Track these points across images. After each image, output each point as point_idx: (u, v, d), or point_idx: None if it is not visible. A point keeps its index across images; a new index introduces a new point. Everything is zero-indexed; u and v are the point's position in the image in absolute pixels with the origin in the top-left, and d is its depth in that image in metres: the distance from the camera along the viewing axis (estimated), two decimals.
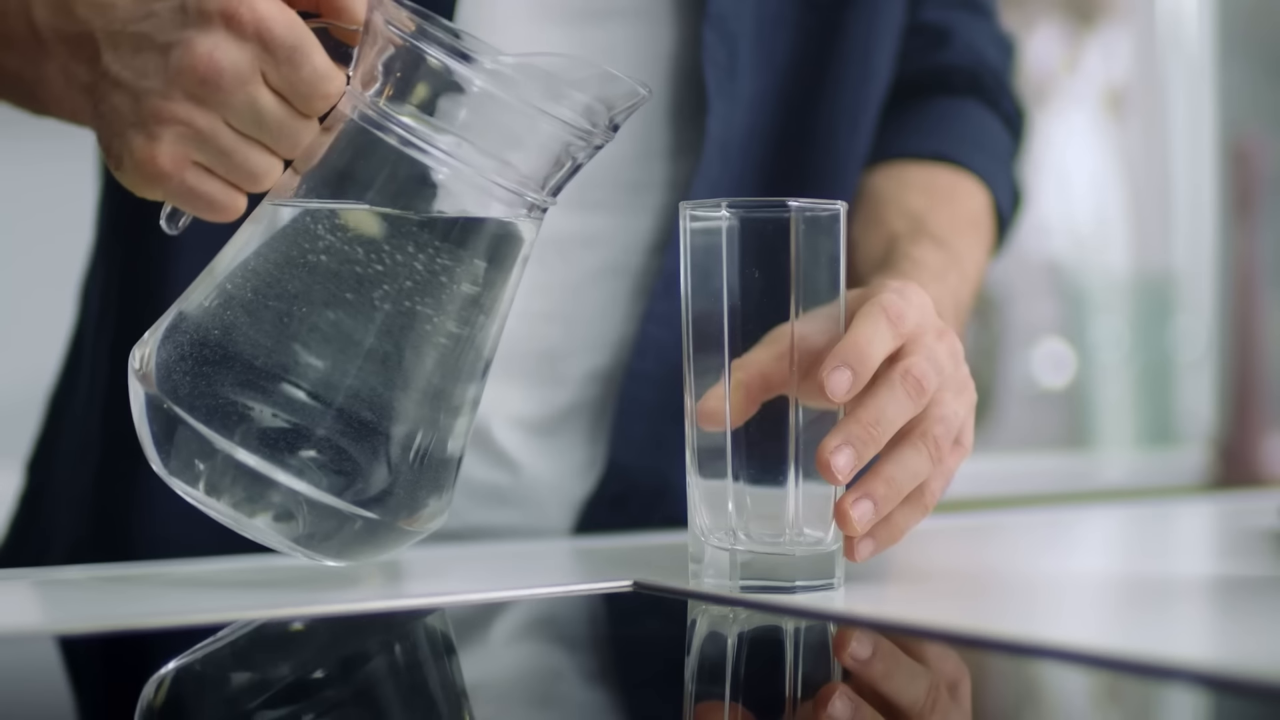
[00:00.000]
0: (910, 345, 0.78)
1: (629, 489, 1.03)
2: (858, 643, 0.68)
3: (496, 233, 0.76)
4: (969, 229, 1.04)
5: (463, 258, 0.75)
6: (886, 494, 0.75)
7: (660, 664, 0.68)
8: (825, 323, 0.76)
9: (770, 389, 0.75)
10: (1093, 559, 0.98)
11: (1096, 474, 3.11)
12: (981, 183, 1.08)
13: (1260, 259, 3.06)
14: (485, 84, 0.73)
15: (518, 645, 0.72)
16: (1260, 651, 0.62)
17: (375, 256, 0.74)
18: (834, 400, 0.74)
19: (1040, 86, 3.16)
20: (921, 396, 0.76)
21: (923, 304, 0.79)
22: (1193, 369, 3.28)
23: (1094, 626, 0.71)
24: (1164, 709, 0.57)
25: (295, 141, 0.76)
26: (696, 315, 0.76)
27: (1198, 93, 3.31)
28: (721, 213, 0.75)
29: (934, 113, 1.12)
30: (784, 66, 1.03)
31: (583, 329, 1.02)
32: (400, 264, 0.74)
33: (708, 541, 0.77)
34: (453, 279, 0.75)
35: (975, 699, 0.60)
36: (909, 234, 0.99)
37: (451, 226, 0.75)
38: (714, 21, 0.99)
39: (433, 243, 0.74)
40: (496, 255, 0.76)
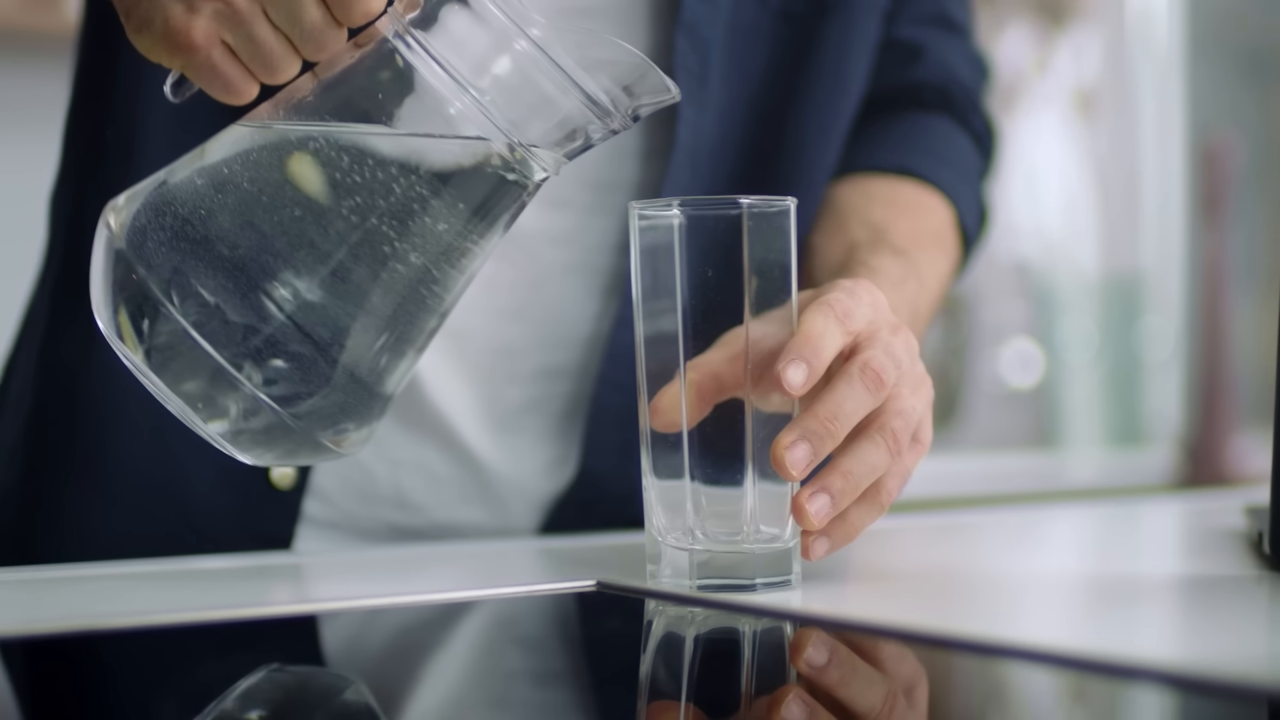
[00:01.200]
0: (866, 340, 0.77)
1: (599, 494, 1.04)
2: (815, 643, 0.68)
3: (487, 183, 0.76)
4: (931, 242, 1.04)
5: (445, 195, 0.75)
6: (844, 488, 0.75)
7: (616, 664, 0.67)
8: (778, 325, 0.76)
9: (723, 390, 0.75)
10: (1059, 558, 0.98)
11: (1064, 473, 3.12)
12: (946, 198, 1.09)
13: (1229, 260, 3.07)
14: (522, 40, 0.73)
15: (477, 645, 0.71)
16: (1225, 651, 0.62)
17: (358, 168, 0.74)
18: (791, 393, 0.74)
19: (1010, 87, 3.17)
20: (880, 390, 0.76)
21: (875, 301, 0.79)
22: (1161, 369, 3.29)
23: (1059, 626, 0.71)
24: (1129, 709, 0.57)
25: (321, 46, 0.76)
26: (648, 315, 0.76)
27: (1167, 93, 3.33)
28: (672, 211, 0.75)
29: (902, 127, 1.12)
30: (757, 76, 1.04)
31: (545, 326, 1.02)
32: (380, 182, 0.74)
33: (665, 541, 0.76)
34: (428, 212, 0.74)
35: (938, 699, 0.59)
36: (869, 243, 0.99)
37: (442, 157, 0.75)
38: (686, 28, 0.99)
39: (419, 170, 0.74)
40: (481, 206, 0.76)
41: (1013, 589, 0.79)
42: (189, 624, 0.71)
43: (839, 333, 0.76)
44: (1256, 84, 3.39)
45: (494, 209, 0.76)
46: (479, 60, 0.74)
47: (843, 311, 0.76)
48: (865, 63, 1.08)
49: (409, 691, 0.61)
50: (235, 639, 0.70)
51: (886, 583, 0.80)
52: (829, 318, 0.76)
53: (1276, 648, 0.63)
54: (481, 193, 0.76)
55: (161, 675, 0.65)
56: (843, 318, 0.76)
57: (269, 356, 0.73)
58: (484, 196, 0.76)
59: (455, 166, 0.75)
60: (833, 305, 0.76)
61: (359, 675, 0.65)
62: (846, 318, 0.76)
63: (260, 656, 0.68)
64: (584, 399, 1.03)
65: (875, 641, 0.67)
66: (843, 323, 0.76)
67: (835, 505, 0.74)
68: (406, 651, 0.69)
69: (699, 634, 0.71)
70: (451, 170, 0.75)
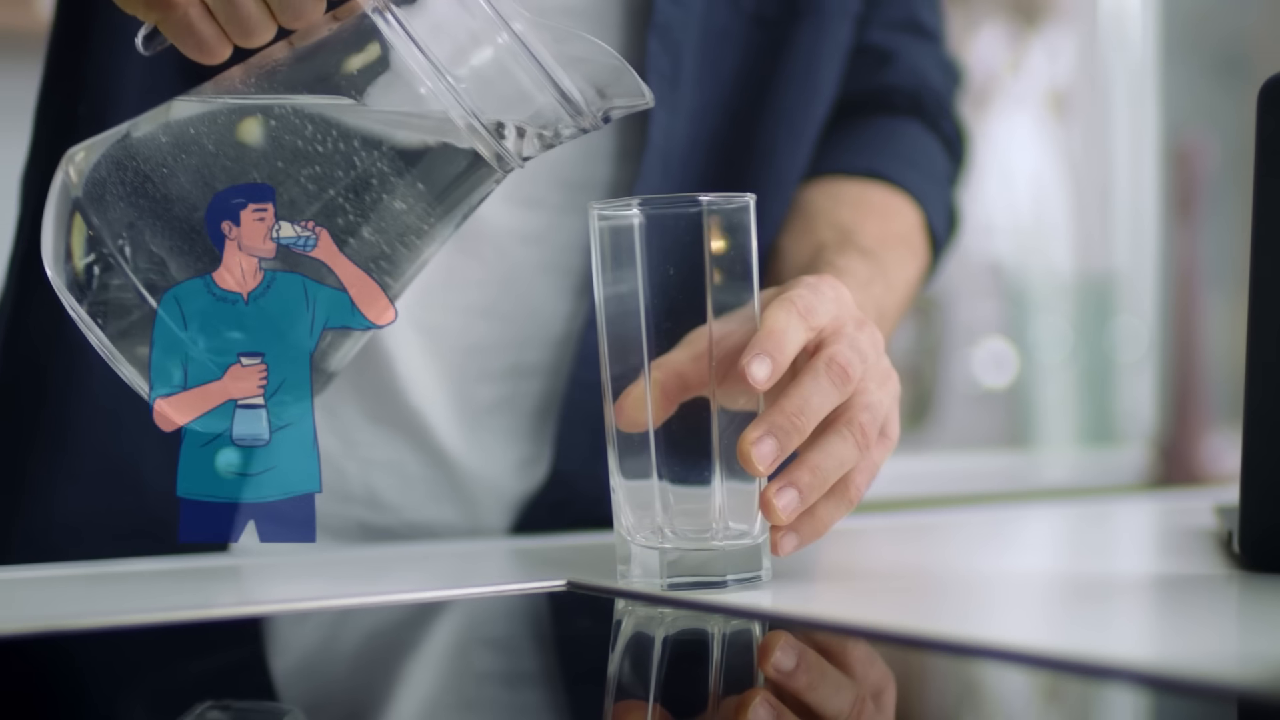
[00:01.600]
0: (831, 336, 0.77)
1: (571, 494, 1.04)
2: (783, 644, 0.67)
3: (452, 169, 0.76)
4: (898, 244, 1.04)
5: (407, 175, 0.75)
6: (811, 483, 0.75)
7: (585, 665, 0.67)
8: (741, 322, 0.75)
9: (687, 389, 0.75)
10: (1032, 558, 0.98)
11: (1038, 473, 3.12)
12: (914, 202, 1.09)
13: (1201, 260, 3.08)
14: (504, 33, 0.73)
15: (446, 646, 0.71)
16: (1196, 650, 0.62)
17: (321, 138, 0.74)
18: (756, 387, 0.73)
19: (984, 87, 3.17)
20: (846, 384, 0.76)
21: (838, 297, 0.79)
22: (1134, 369, 3.30)
23: (1030, 625, 0.71)
24: (1100, 708, 0.57)
25: (299, 14, 0.75)
26: (611, 316, 0.76)
27: (1140, 94, 3.33)
28: (632, 211, 0.75)
29: (872, 131, 1.13)
30: (729, 79, 1.04)
31: (516, 325, 1.02)
32: (341, 153, 0.74)
33: (634, 541, 0.76)
34: (387, 190, 0.74)
35: (909, 700, 0.59)
36: (836, 244, 1.00)
37: (408, 137, 0.75)
38: (659, 31, 0.99)
39: (382, 147, 0.74)
40: (443, 191, 0.76)
41: (985, 588, 0.79)
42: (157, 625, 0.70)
43: (802, 328, 0.75)
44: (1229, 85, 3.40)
45: (455, 195, 0.76)
46: (457, 46, 0.74)
47: (805, 307, 0.76)
48: (837, 67, 1.09)
49: (378, 692, 0.61)
50: (201, 640, 0.70)
51: (858, 582, 0.80)
52: (791, 313, 0.75)
53: (1246, 647, 0.63)
54: (445, 178, 0.75)
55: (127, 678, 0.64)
56: (805, 313, 0.76)
57: None
58: (447, 182, 0.76)
59: (421, 148, 0.75)
60: (795, 301, 0.76)
61: (328, 676, 0.64)
62: (809, 313, 0.76)
63: (226, 658, 0.68)
64: (556, 398, 1.03)
65: (846, 642, 0.67)
66: (805, 318, 0.76)
67: (803, 500, 0.74)
68: (376, 652, 0.69)
69: (668, 634, 0.70)
70: (417, 152, 0.75)
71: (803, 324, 0.76)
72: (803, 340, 0.75)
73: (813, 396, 0.75)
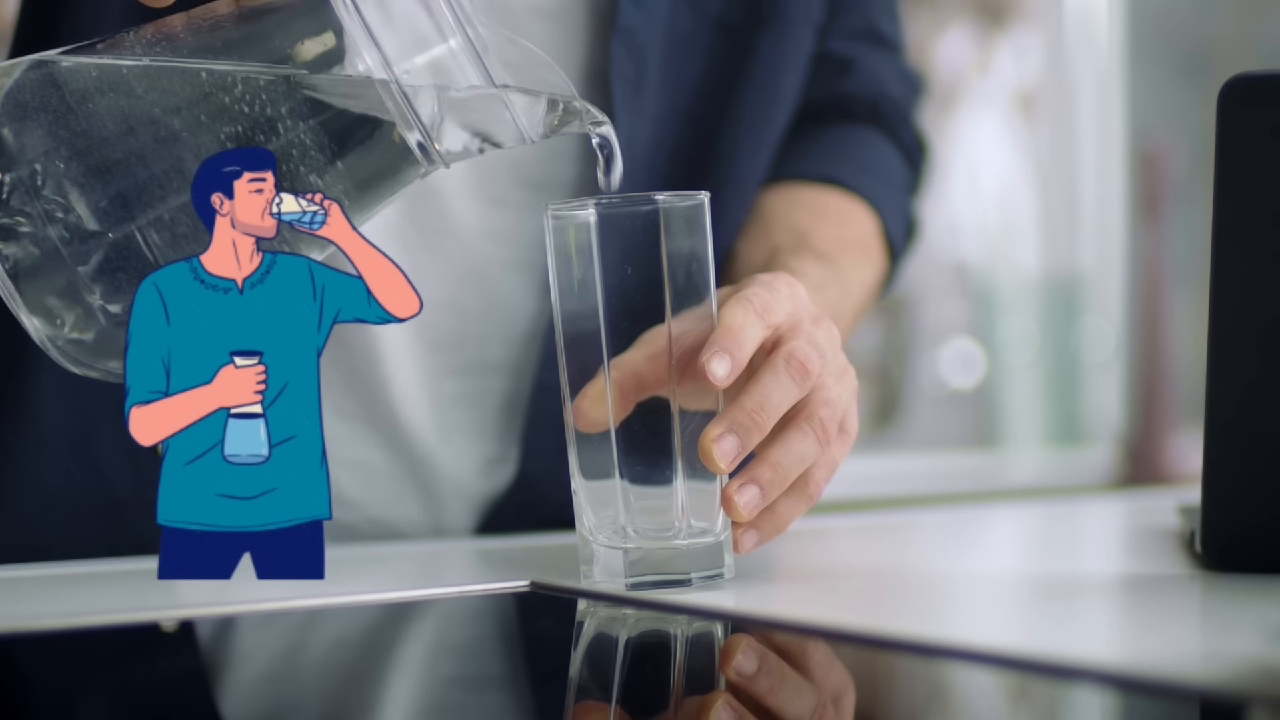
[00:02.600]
0: (789, 332, 0.77)
1: (537, 497, 1.04)
2: (746, 645, 0.67)
3: (375, 153, 0.73)
4: (854, 249, 1.05)
5: (329, 153, 0.72)
6: (773, 479, 0.75)
7: (547, 666, 0.67)
8: (698, 322, 0.75)
9: (644, 388, 0.75)
10: (998, 557, 0.98)
11: (1004, 473, 3.13)
12: (871, 208, 1.09)
13: (1168, 261, 3.09)
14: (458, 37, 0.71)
15: (408, 647, 0.71)
16: (1158, 650, 0.62)
17: (247, 99, 0.71)
18: (715, 385, 0.73)
19: (950, 88, 3.18)
20: (806, 380, 0.76)
21: (794, 294, 0.79)
22: (1100, 369, 3.31)
23: (994, 625, 0.71)
24: (1062, 707, 0.57)
25: None
26: (568, 316, 0.76)
27: (1107, 95, 3.35)
28: (588, 210, 0.75)
29: (829, 137, 1.13)
30: (692, 85, 1.04)
31: (481, 321, 1.02)
32: (265, 119, 0.70)
33: (596, 541, 0.76)
34: (305, 162, 0.71)
35: (873, 700, 0.59)
36: (791, 248, 1.00)
37: (338, 116, 0.72)
38: (623, 35, 0.99)
39: (308, 119, 0.71)
40: (365, 178, 0.73)
41: (950, 588, 0.79)
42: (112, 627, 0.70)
43: (759, 325, 0.75)
44: (1195, 86, 3.41)
45: (375, 183, 0.73)
46: (408, 39, 0.71)
47: (761, 305, 0.76)
48: (799, 74, 1.09)
49: (341, 696, 0.61)
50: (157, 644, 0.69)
51: (823, 582, 0.80)
52: (748, 311, 0.75)
53: (1208, 646, 0.63)
54: (368, 164, 0.72)
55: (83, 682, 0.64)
56: (762, 311, 0.76)
57: (112, 268, 0.69)
58: (370, 169, 0.73)
59: (349, 128, 0.72)
60: (751, 299, 0.76)
61: (290, 679, 0.64)
62: (766, 311, 0.76)
63: (183, 662, 0.67)
64: (522, 398, 1.03)
65: (809, 642, 0.67)
66: (762, 316, 0.76)
67: (765, 497, 0.74)
68: (339, 654, 0.69)
69: (631, 635, 0.70)
70: (344, 131, 0.72)
71: (760, 321, 0.76)
72: (760, 337, 0.76)
73: (773, 393, 0.75)
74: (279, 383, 0.69)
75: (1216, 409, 0.75)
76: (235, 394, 0.69)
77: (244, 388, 0.69)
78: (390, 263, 0.70)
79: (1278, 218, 0.74)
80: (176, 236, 0.70)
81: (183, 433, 0.69)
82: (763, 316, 0.76)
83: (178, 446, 0.69)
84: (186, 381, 0.69)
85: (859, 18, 1.15)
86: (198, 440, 0.69)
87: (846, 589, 0.77)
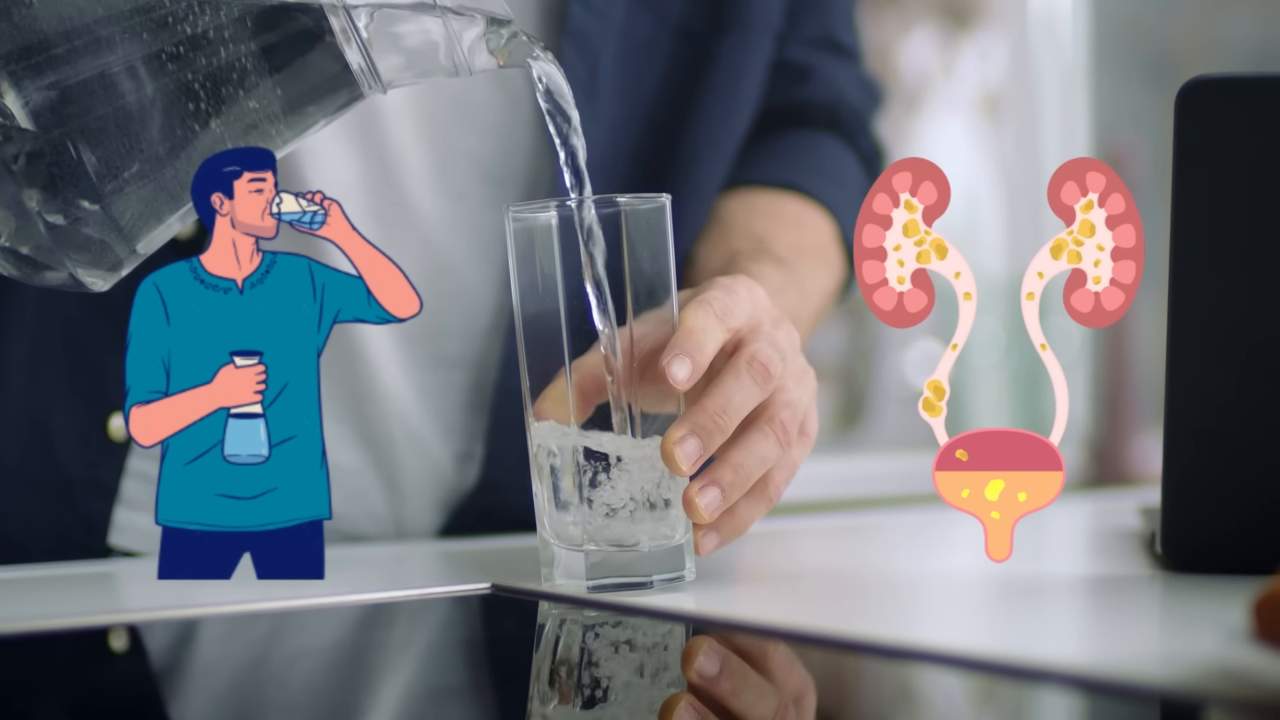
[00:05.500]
0: (750, 335, 0.78)
1: (500, 502, 1.04)
2: (708, 647, 0.67)
3: (313, 78, 0.72)
4: (813, 254, 1.05)
5: (266, 75, 0.70)
6: (734, 480, 0.75)
7: (507, 669, 0.67)
8: (658, 325, 0.76)
9: (604, 391, 0.75)
10: (962, 559, 0.98)
11: None
12: (829, 214, 1.09)
13: None
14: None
15: (368, 650, 0.70)
16: (1120, 652, 0.62)
17: (191, 19, 0.69)
18: (676, 387, 0.73)
19: (915, 90, 3.19)
20: (768, 382, 0.76)
21: (753, 297, 0.79)
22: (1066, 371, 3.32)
23: (958, 627, 0.71)
24: (1024, 709, 0.57)
25: None
26: (529, 318, 0.75)
27: (1071, 96, 3.36)
28: (549, 213, 0.74)
29: (788, 144, 1.14)
30: (651, 91, 1.04)
31: (440, 315, 1.02)
32: (209, 41, 0.69)
33: (557, 544, 0.76)
34: (244, 86, 0.70)
35: (835, 702, 0.59)
36: (750, 253, 1.01)
37: (278, 42, 0.71)
38: (574, 37, 0.99)
39: (249, 43, 0.70)
40: (298, 99, 0.72)
41: (912, 590, 0.79)
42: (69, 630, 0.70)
43: (720, 328, 0.76)
44: (1159, 88, 3.42)
45: (310, 107, 0.72)
46: None
47: (722, 308, 0.76)
48: (758, 81, 1.10)
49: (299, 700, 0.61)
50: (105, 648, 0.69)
51: (786, 584, 0.80)
52: (709, 314, 0.76)
53: (1167, 647, 0.63)
54: (304, 85, 0.71)
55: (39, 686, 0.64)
56: (722, 314, 0.76)
57: (50, 175, 0.68)
58: (305, 90, 0.71)
59: (291, 52, 0.71)
60: (711, 302, 0.76)
61: (250, 682, 0.64)
62: (726, 314, 0.76)
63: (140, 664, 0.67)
64: (486, 393, 1.03)
65: (770, 644, 0.67)
66: (723, 319, 0.76)
67: (726, 498, 0.74)
68: (297, 657, 0.68)
69: (592, 638, 0.70)
70: (286, 54, 0.70)
71: (720, 324, 0.76)
72: (721, 340, 0.76)
73: (735, 395, 0.75)
74: (279, 383, 0.70)
75: (1176, 411, 0.75)
76: (235, 394, 0.69)
77: (244, 388, 0.70)
78: (390, 263, 0.70)
79: (1235, 220, 0.74)
80: (111, 140, 0.69)
81: (183, 433, 0.70)
82: (723, 320, 0.76)
83: (178, 446, 0.70)
84: (186, 381, 0.69)
85: (817, 26, 1.15)
86: (198, 440, 0.70)
87: (808, 591, 0.78)
